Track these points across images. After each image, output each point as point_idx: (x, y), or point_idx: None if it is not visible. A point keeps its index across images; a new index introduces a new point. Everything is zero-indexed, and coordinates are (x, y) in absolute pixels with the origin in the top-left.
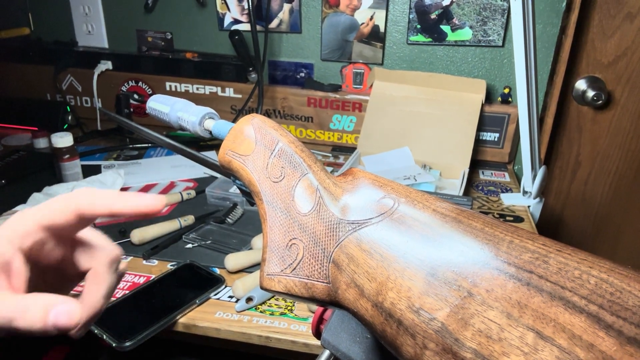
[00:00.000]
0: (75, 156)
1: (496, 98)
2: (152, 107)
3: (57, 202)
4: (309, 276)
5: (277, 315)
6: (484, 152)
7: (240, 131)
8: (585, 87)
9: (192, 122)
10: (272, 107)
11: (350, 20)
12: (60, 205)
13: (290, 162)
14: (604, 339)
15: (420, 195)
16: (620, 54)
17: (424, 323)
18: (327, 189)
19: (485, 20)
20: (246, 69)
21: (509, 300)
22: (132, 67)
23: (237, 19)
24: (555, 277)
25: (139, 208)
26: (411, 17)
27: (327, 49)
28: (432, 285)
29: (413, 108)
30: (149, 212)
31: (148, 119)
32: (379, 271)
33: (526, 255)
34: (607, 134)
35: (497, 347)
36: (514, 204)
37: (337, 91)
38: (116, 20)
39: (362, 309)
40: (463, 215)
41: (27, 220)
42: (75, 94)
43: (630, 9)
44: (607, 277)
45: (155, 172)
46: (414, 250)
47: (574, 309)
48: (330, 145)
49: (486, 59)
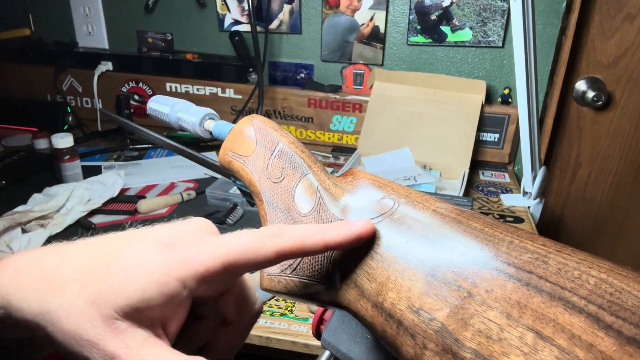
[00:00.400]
0: (76, 157)
1: (496, 99)
2: (153, 107)
3: (252, 236)
4: (309, 276)
5: (278, 316)
6: (484, 152)
7: (241, 132)
8: (585, 87)
9: (192, 123)
10: (272, 107)
11: (351, 21)
12: (258, 240)
13: (290, 163)
14: (603, 339)
15: (420, 195)
16: (620, 55)
17: (424, 323)
18: (327, 189)
19: (485, 21)
20: (246, 70)
21: (508, 301)
22: (133, 67)
23: (237, 19)
24: (555, 278)
25: (354, 236)
26: (411, 18)
27: (327, 49)
28: (432, 285)
29: (413, 109)
30: (365, 239)
31: (148, 120)
32: (379, 271)
33: (526, 255)
34: (607, 134)
35: (496, 347)
36: (514, 205)
37: (337, 92)
38: (116, 21)
39: (362, 310)
40: (463, 216)
41: (211, 254)
42: (76, 94)
43: (630, 9)
44: (606, 278)
45: (155, 172)
46: (413, 250)
47: (574, 309)
48: (331, 145)
49: (486, 59)
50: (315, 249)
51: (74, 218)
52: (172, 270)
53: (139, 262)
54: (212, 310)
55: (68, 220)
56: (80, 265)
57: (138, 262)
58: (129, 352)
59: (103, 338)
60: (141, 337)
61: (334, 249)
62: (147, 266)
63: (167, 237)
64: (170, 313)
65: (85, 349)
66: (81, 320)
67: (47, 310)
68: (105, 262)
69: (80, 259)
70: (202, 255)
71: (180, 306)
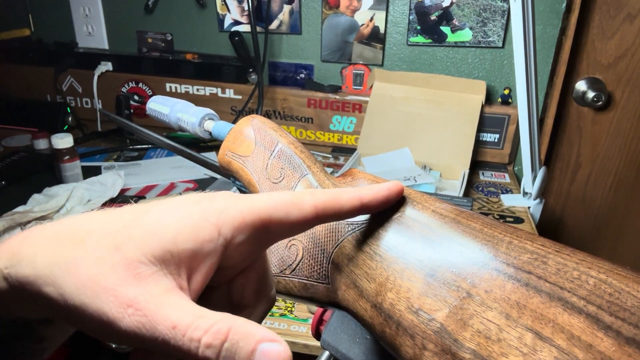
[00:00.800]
0: (76, 157)
1: (496, 99)
2: (152, 108)
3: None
4: (308, 277)
5: (277, 317)
6: (484, 153)
7: (240, 132)
8: (585, 88)
9: (192, 123)
10: (272, 108)
11: (350, 21)
12: (295, 196)
13: (289, 163)
14: (602, 340)
15: (420, 196)
16: (621, 55)
17: (423, 324)
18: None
19: (485, 21)
20: (246, 70)
21: (507, 301)
22: (133, 68)
23: (237, 20)
24: (554, 278)
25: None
26: (411, 18)
27: (327, 50)
28: (431, 286)
29: (413, 109)
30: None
31: (148, 120)
32: (378, 272)
33: (525, 255)
34: (607, 135)
35: (496, 347)
36: (514, 205)
37: (337, 92)
38: (116, 22)
39: (361, 310)
40: (462, 216)
41: (251, 205)
42: (76, 95)
43: (630, 9)
44: (605, 278)
45: (155, 173)
46: (413, 251)
47: (573, 309)
48: (330, 146)
49: (486, 60)
50: (351, 206)
51: None
52: (209, 216)
53: (173, 211)
54: (223, 296)
55: None
56: (106, 220)
57: (172, 211)
58: (150, 300)
59: (123, 283)
60: (165, 285)
61: (369, 208)
62: (182, 213)
63: (201, 196)
64: (200, 262)
65: (100, 298)
66: (101, 266)
67: (63, 259)
68: (136, 214)
69: (105, 216)
70: (240, 206)
71: (212, 257)
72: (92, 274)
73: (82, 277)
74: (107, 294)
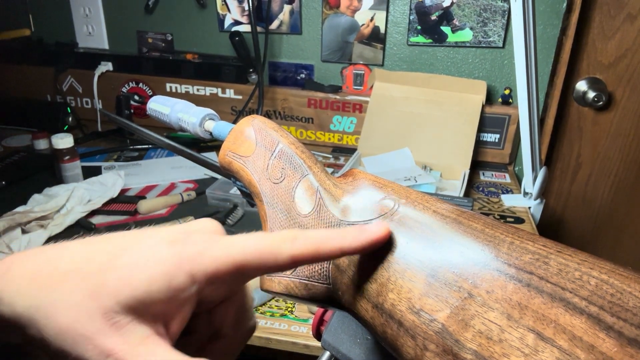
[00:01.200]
0: (76, 157)
1: (497, 99)
2: (153, 108)
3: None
4: (309, 277)
5: (278, 317)
6: (484, 153)
7: (241, 132)
8: (585, 88)
9: (192, 123)
10: (273, 108)
11: (351, 21)
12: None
13: (290, 163)
14: (604, 340)
15: (421, 196)
16: (621, 55)
17: (425, 324)
18: (327, 190)
19: (485, 21)
20: (246, 70)
21: (509, 302)
22: (133, 68)
23: (238, 20)
24: (556, 279)
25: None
26: (411, 18)
27: (327, 50)
28: (433, 286)
29: (413, 109)
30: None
31: (148, 120)
32: (379, 272)
33: (527, 256)
34: (607, 135)
35: (497, 348)
36: (515, 205)
37: (338, 92)
38: (116, 22)
39: (362, 310)
40: (463, 217)
41: (224, 252)
42: (76, 95)
43: (631, 9)
44: (607, 279)
45: (155, 173)
46: (414, 251)
47: (575, 310)
48: (331, 146)
49: (487, 60)
50: (331, 255)
51: (74, 218)
52: (182, 264)
53: (147, 255)
54: (203, 323)
55: (68, 220)
56: (82, 258)
57: (145, 255)
58: (128, 350)
59: (100, 333)
60: (142, 334)
61: (349, 254)
62: (155, 259)
63: (177, 234)
64: (175, 310)
65: (80, 345)
66: (78, 313)
67: (41, 303)
68: (110, 255)
69: (81, 252)
70: (214, 252)
71: (186, 304)
72: (70, 321)
73: (61, 324)
74: (86, 343)
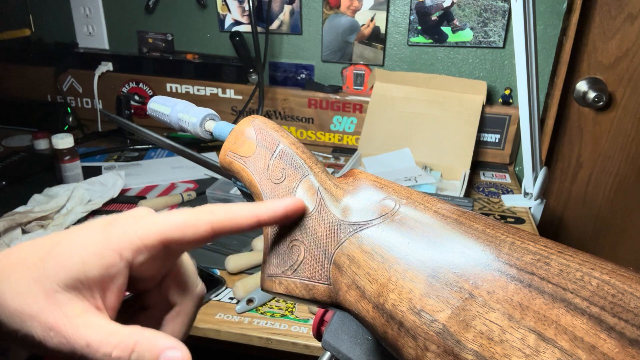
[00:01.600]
0: (76, 157)
1: (497, 99)
2: (153, 108)
3: (187, 214)
4: (309, 277)
5: (278, 317)
6: (484, 153)
7: (241, 132)
8: (586, 88)
9: (192, 124)
10: (273, 108)
11: (351, 21)
12: (192, 217)
13: (291, 164)
14: (605, 341)
15: (422, 196)
16: (621, 55)
17: (425, 325)
18: (328, 190)
19: (486, 21)
20: (247, 70)
21: (510, 302)
22: (133, 68)
23: (238, 20)
24: (557, 279)
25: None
26: (412, 19)
27: (327, 50)
28: (434, 286)
29: (414, 109)
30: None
31: (149, 120)
32: (380, 273)
33: (528, 256)
34: (608, 135)
35: (498, 349)
36: (515, 206)
37: (338, 92)
38: (117, 22)
39: (363, 311)
40: (464, 217)
41: (147, 229)
42: (76, 95)
43: (631, 10)
44: (608, 279)
45: (155, 173)
46: (415, 251)
47: (576, 310)
48: (331, 146)
49: (487, 60)
50: (248, 223)
51: (74, 219)
52: (110, 243)
53: (81, 241)
54: (157, 299)
55: (68, 220)
56: (27, 252)
57: (80, 241)
58: (67, 322)
59: (44, 311)
60: (80, 308)
61: (266, 224)
62: (88, 243)
63: (108, 219)
64: (108, 284)
65: (27, 324)
66: (25, 297)
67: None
68: (52, 245)
69: (29, 245)
70: (138, 230)
71: (118, 277)
72: (18, 305)
73: (10, 308)
74: (32, 321)
